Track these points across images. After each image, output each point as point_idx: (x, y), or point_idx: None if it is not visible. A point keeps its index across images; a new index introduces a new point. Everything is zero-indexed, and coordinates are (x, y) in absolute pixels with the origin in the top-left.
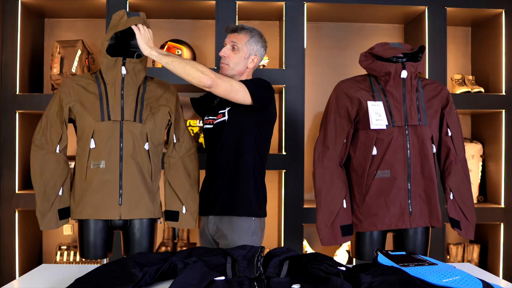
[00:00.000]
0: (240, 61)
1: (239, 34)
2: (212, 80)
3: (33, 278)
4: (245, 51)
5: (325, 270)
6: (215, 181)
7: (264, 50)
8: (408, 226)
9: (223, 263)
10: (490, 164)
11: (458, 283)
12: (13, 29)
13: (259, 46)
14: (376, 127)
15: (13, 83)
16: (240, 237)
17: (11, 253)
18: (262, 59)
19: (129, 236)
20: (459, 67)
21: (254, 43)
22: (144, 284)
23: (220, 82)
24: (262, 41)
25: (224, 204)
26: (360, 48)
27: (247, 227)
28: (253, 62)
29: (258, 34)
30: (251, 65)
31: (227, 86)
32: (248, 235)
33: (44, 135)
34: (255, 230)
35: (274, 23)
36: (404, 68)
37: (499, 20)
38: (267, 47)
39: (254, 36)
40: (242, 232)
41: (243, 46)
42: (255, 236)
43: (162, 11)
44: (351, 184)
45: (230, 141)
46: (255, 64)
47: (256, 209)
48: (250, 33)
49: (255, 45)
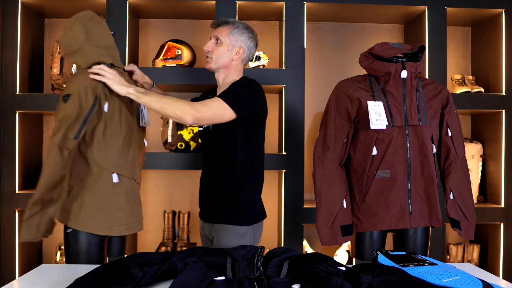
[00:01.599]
0: (223, 53)
1: (222, 27)
2: (193, 117)
3: (33, 278)
4: (228, 43)
5: (325, 270)
6: (207, 186)
7: (252, 42)
8: (408, 226)
9: (223, 263)
10: (490, 164)
11: (458, 283)
12: (13, 29)
13: (244, 37)
14: (376, 127)
15: (13, 83)
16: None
17: (11, 253)
18: (252, 52)
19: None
20: (459, 67)
21: (238, 34)
22: (144, 284)
23: (202, 114)
24: (248, 33)
25: (214, 212)
26: (360, 48)
27: (237, 232)
28: (238, 53)
29: (242, 26)
30: (236, 57)
31: (210, 115)
32: (237, 238)
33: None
34: (244, 233)
35: (274, 23)
36: (404, 68)
37: (499, 20)
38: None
39: (237, 28)
40: (233, 237)
41: (225, 38)
42: (244, 238)
43: (162, 11)
44: (351, 184)
45: (220, 145)
46: (241, 56)
47: (246, 218)
48: (233, 25)
49: (238, 36)
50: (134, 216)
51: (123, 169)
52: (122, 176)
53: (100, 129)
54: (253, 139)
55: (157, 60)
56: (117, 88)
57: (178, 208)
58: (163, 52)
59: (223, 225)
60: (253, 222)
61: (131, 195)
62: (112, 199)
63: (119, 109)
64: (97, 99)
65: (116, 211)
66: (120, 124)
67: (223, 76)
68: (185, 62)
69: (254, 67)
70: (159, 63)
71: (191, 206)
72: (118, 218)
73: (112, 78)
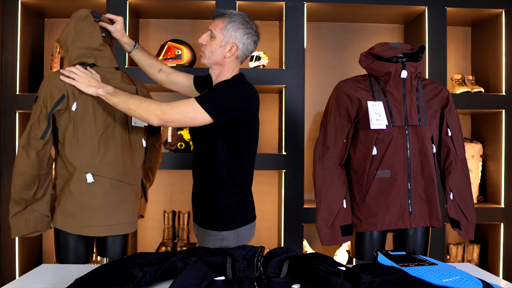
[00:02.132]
0: (216, 49)
1: (217, 19)
2: (158, 118)
3: (33, 278)
4: (221, 38)
5: (325, 270)
6: (194, 188)
7: (249, 38)
8: (408, 226)
9: (223, 263)
10: (490, 164)
11: (458, 283)
12: (13, 29)
13: (239, 34)
14: (376, 127)
15: (13, 83)
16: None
17: (11, 253)
18: (249, 48)
19: None
20: (459, 67)
21: (232, 30)
22: (144, 284)
23: (169, 117)
24: (244, 28)
25: (198, 215)
26: (360, 48)
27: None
28: (231, 51)
29: (240, 20)
30: (229, 55)
31: (178, 118)
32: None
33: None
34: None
35: (274, 23)
36: (404, 68)
37: (499, 20)
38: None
39: (233, 22)
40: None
41: (219, 33)
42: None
43: (162, 11)
44: (351, 184)
45: (202, 146)
46: (235, 53)
47: (226, 223)
48: (229, 19)
49: (233, 31)
50: (116, 217)
51: (99, 169)
52: (99, 176)
53: (70, 129)
54: (237, 141)
55: None
56: (86, 90)
57: (178, 208)
58: (163, 52)
59: (203, 229)
60: (235, 226)
61: (111, 196)
62: (86, 199)
63: (92, 109)
64: (63, 98)
65: (92, 212)
66: (95, 124)
67: (217, 73)
68: (185, 62)
69: (254, 67)
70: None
71: (191, 206)
72: (94, 218)
73: (81, 80)
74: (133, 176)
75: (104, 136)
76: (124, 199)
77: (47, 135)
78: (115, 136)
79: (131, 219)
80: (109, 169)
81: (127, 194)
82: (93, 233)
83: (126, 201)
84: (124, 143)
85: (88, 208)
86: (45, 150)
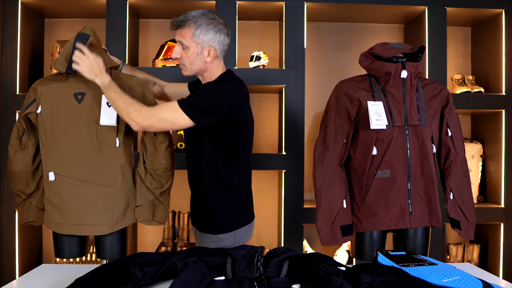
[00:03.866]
0: (193, 59)
1: (183, 29)
2: (139, 125)
3: (33, 278)
4: (195, 47)
5: (325, 270)
6: (190, 189)
7: (221, 34)
8: (408, 226)
9: (223, 263)
10: (490, 164)
11: (458, 283)
12: (13, 29)
13: (211, 35)
14: (376, 127)
15: (13, 83)
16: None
17: (11, 253)
18: (225, 43)
19: None
20: (459, 67)
21: (203, 34)
22: (144, 284)
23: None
24: (213, 27)
25: (194, 218)
26: (360, 48)
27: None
28: (210, 55)
29: (205, 21)
30: (209, 59)
31: (157, 124)
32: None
33: None
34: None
35: (274, 23)
36: (404, 68)
37: (499, 20)
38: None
39: (200, 26)
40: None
41: (190, 42)
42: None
43: (162, 11)
44: (351, 184)
45: (190, 148)
46: (215, 54)
47: (220, 227)
48: (195, 24)
49: (204, 36)
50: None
51: (63, 168)
52: (62, 176)
53: (41, 130)
54: (227, 142)
55: (157, 60)
56: (86, 75)
57: (178, 208)
58: (163, 52)
59: (199, 232)
60: (231, 229)
61: (76, 196)
62: (52, 197)
63: (56, 111)
64: (33, 102)
65: (58, 209)
66: (58, 125)
67: (203, 77)
68: None
69: (254, 67)
70: (159, 63)
71: None
72: (60, 216)
73: (83, 64)
74: (105, 177)
75: (67, 137)
76: (91, 200)
77: (24, 136)
78: (79, 136)
79: (102, 221)
80: (71, 169)
81: (96, 196)
82: (61, 230)
83: (95, 202)
84: (89, 144)
85: (54, 205)
86: (26, 150)
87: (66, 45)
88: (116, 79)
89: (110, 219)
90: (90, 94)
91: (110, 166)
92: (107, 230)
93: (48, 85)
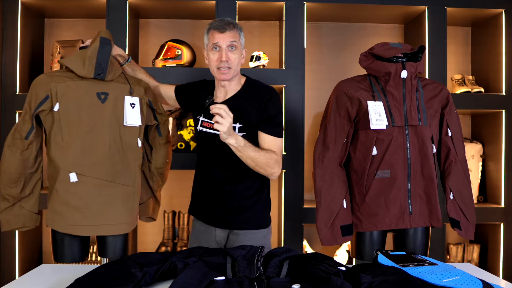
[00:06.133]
0: (239, 60)
1: (232, 31)
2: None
3: (33, 278)
4: (240, 48)
5: (325, 270)
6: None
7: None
8: (408, 226)
9: (223, 263)
10: (490, 164)
11: (458, 283)
12: (13, 29)
13: (243, 38)
14: (376, 127)
15: (13, 83)
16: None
17: (11, 253)
18: None
19: None
20: (459, 67)
21: (243, 36)
22: (144, 284)
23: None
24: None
25: (240, 220)
26: (360, 48)
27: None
28: (244, 56)
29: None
30: (243, 61)
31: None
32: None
33: None
34: (266, 235)
35: (274, 23)
36: (404, 68)
37: (499, 20)
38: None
39: (241, 30)
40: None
41: (239, 42)
42: (266, 240)
43: (162, 11)
44: (351, 184)
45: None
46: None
47: (267, 221)
48: (239, 27)
49: (243, 37)
50: (105, 218)
51: (84, 169)
52: (84, 176)
53: (55, 129)
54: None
55: (157, 60)
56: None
57: (178, 208)
58: (163, 52)
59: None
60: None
61: (98, 196)
62: (72, 199)
63: (77, 109)
64: (47, 99)
65: (77, 211)
66: (79, 124)
67: (232, 81)
68: (185, 62)
69: (254, 67)
70: (159, 63)
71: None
72: (80, 217)
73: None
74: (126, 176)
75: (90, 136)
76: (113, 199)
77: (31, 135)
78: (103, 136)
79: (122, 220)
80: (94, 169)
81: (118, 195)
82: (79, 232)
83: (116, 201)
84: (113, 144)
85: (73, 207)
86: (30, 150)
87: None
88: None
89: (130, 217)
90: (113, 95)
91: (131, 165)
92: (127, 228)
93: (63, 83)
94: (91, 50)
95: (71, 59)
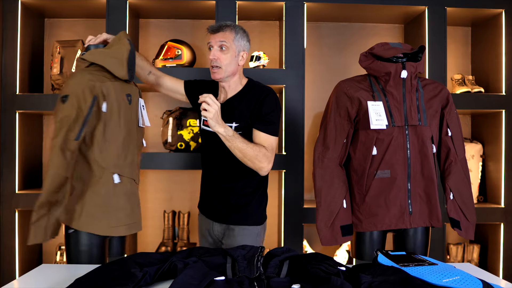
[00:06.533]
0: (231, 61)
1: (225, 32)
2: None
3: (33, 278)
4: (234, 49)
5: (325, 270)
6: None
7: (249, 43)
8: (408, 226)
9: (223, 263)
10: (490, 164)
11: (458, 283)
12: (13, 29)
13: (245, 41)
14: (376, 127)
15: (13, 83)
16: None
17: (11, 253)
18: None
19: None
20: (459, 67)
21: (241, 39)
22: (144, 284)
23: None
24: (246, 35)
25: (236, 216)
26: (360, 48)
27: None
28: (243, 59)
29: (241, 29)
30: (241, 63)
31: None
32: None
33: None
34: (259, 233)
35: (274, 23)
36: (404, 68)
37: (499, 20)
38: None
39: (239, 32)
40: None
41: (232, 44)
42: (259, 237)
43: (162, 11)
44: (351, 184)
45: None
46: (245, 60)
47: (262, 218)
48: (235, 29)
49: (241, 40)
50: (133, 216)
51: (123, 169)
52: (123, 177)
53: (100, 129)
54: None
55: (157, 60)
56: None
57: (178, 208)
58: (163, 52)
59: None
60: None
61: (131, 196)
62: (113, 200)
63: (117, 110)
64: (95, 99)
65: (117, 212)
66: (119, 124)
67: (230, 82)
68: (185, 62)
69: (254, 67)
70: (159, 63)
71: (191, 206)
72: (118, 218)
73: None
74: (138, 174)
75: (127, 137)
76: (137, 198)
77: (81, 136)
78: (133, 137)
79: (140, 217)
80: (129, 169)
81: (137, 193)
82: (119, 233)
83: (138, 200)
84: (137, 144)
85: (114, 208)
86: (77, 152)
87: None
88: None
89: (141, 214)
90: (135, 96)
91: (139, 165)
92: (141, 226)
93: (104, 82)
94: (125, 52)
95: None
